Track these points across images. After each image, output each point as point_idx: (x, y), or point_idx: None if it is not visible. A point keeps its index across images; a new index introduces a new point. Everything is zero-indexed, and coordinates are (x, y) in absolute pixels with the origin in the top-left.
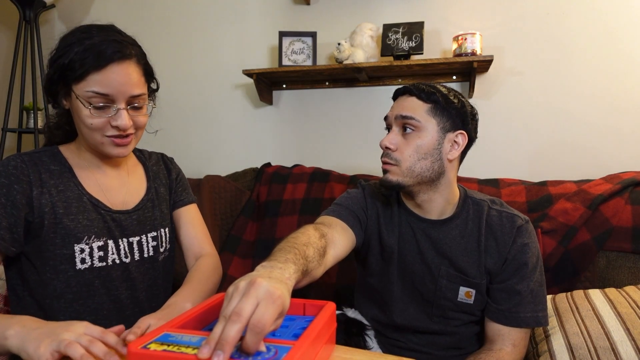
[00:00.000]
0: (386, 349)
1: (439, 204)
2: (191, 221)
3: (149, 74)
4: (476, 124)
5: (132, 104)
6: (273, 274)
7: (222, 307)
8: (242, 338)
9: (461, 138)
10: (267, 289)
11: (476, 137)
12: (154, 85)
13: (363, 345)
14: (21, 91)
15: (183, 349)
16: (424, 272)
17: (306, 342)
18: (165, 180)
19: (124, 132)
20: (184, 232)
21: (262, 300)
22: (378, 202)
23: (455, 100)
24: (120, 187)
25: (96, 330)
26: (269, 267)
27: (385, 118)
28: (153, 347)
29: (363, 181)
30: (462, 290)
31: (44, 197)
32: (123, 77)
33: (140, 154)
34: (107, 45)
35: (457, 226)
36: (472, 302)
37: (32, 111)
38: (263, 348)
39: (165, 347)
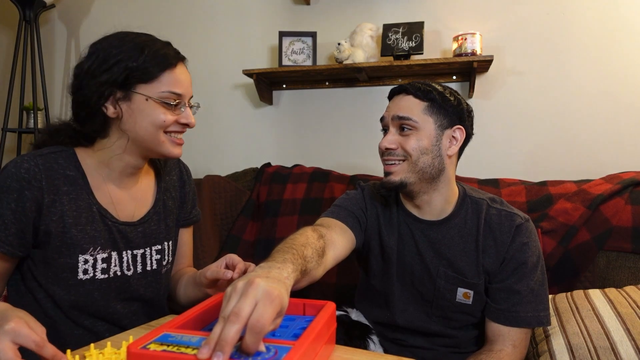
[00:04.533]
0: (389, 347)
1: (438, 203)
2: (187, 242)
3: None
4: (472, 121)
5: (189, 103)
6: (271, 273)
7: (221, 307)
8: (241, 338)
9: (459, 133)
10: (265, 288)
11: (473, 134)
12: None
13: (365, 349)
14: (21, 91)
15: (183, 349)
16: (423, 273)
17: (306, 342)
18: (176, 193)
19: (185, 129)
20: (178, 251)
21: (260, 300)
22: (377, 203)
23: (452, 98)
24: (130, 199)
25: (31, 338)
26: (267, 268)
27: (382, 119)
28: (153, 347)
29: (362, 182)
30: (460, 291)
31: (55, 205)
32: (187, 77)
33: (156, 160)
34: (168, 48)
35: (456, 225)
36: (470, 303)
37: (32, 111)
38: (263, 348)
39: (164, 347)
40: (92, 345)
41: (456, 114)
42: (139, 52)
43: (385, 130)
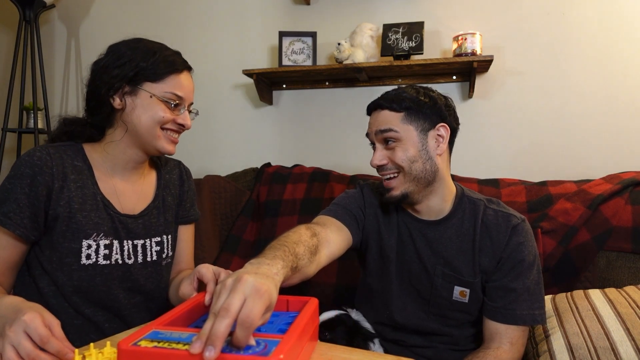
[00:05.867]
0: (389, 347)
1: (436, 204)
2: (187, 240)
3: None
4: (454, 113)
5: (189, 108)
6: (260, 269)
7: (212, 304)
8: (232, 333)
9: (443, 130)
10: (254, 284)
11: (458, 126)
12: None
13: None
14: (21, 91)
15: (174, 345)
16: (421, 272)
17: (294, 336)
18: (176, 190)
19: (181, 130)
20: (177, 248)
21: (249, 296)
22: (377, 202)
23: (427, 100)
24: (132, 193)
25: (37, 332)
26: (257, 264)
27: (367, 135)
28: (144, 344)
29: (362, 181)
30: (457, 289)
31: (63, 191)
32: (190, 84)
33: (157, 159)
34: (177, 56)
35: (453, 225)
36: (467, 301)
37: (32, 111)
38: (253, 342)
39: (155, 343)
40: (91, 345)
41: (435, 114)
42: (150, 55)
43: (374, 145)
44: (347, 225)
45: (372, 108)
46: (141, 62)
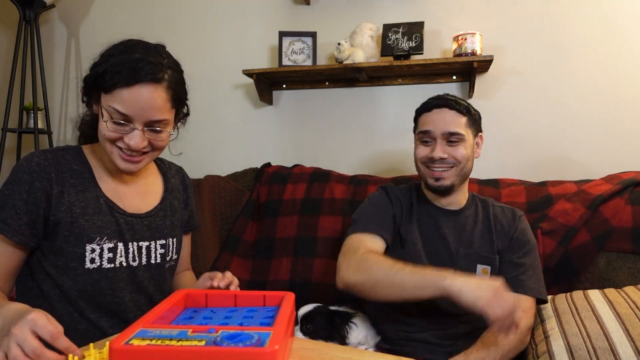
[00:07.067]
0: (394, 341)
1: (459, 197)
2: (184, 246)
3: (179, 99)
4: None
5: (152, 126)
6: None
7: None
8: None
9: (479, 139)
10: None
11: None
12: (184, 110)
13: (345, 334)
14: (21, 91)
15: (167, 342)
16: (445, 255)
17: (282, 328)
18: (180, 196)
19: (133, 152)
20: None
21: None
22: (400, 199)
23: (474, 111)
24: (136, 193)
25: (47, 329)
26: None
27: (427, 132)
28: (136, 342)
29: (383, 184)
30: (479, 267)
31: (63, 196)
32: (147, 100)
33: (161, 164)
34: (143, 64)
35: (471, 214)
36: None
37: (32, 111)
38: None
39: (148, 341)
40: (91, 345)
41: (479, 124)
42: (108, 59)
43: (427, 141)
44: (384, 232)
45: (437, 105)
46: (100, 67)
